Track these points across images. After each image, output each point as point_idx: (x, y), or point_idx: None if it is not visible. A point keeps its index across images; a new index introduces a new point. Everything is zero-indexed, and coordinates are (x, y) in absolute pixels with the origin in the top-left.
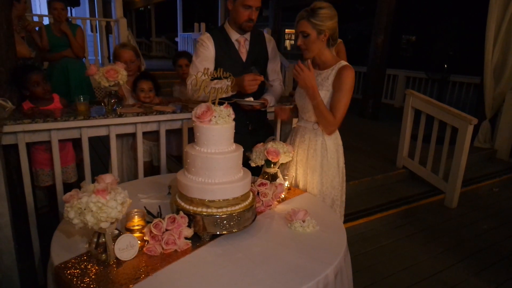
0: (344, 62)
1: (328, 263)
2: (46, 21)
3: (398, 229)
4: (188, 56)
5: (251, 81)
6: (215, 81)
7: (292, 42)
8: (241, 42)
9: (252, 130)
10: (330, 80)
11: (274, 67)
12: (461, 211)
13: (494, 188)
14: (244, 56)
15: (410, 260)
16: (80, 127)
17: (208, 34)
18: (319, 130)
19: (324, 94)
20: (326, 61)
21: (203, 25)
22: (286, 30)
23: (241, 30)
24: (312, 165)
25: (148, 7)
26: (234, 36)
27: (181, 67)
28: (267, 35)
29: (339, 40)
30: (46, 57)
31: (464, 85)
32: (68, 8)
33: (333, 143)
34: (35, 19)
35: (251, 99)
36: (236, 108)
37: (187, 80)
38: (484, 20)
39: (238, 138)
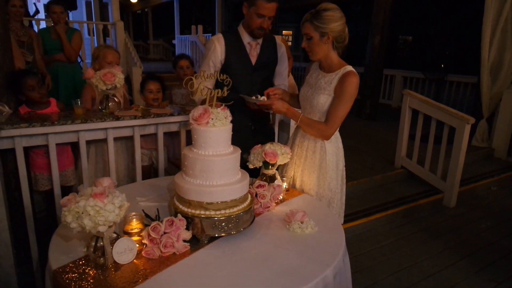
0: (349, 68)
1: (327, 264)
2: (42, 24)
3: (397, 229)
4: (189, 58)
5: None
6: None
7: (289, 43)
8: (252, 46)
9: (255, 130)
10: (333, 85)
11: (281, 71)
12: (460, 210)
13: (492, 187)
14: (254, 60)
15: (409, 260)
16: (77, 131)
17: (220, 35)
18: None
19: (326, 99)
20: (332, 64)
21: (200, 27)
22: (283, 31)
23: (253, 35)
24: (310, 166)
25: (146, 10)
26: (247, 39)
27: (182, 69)
28: (279, 41)
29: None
30: (41, 59)
31: (461, 84)
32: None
33: (333, 146)
34: (32, 23)
35: (264, 98)
36: (239, 109)
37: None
38: (480, 20)
39: (241, 138)
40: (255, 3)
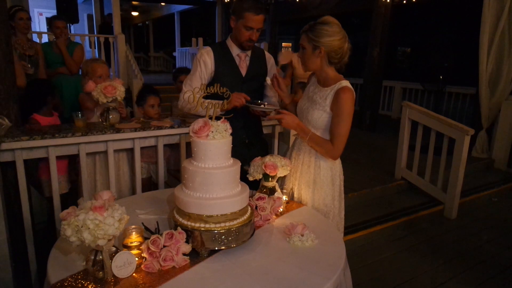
0: (344, 83)
1: (328, 277)
2: (45, 38)
3: (398, 241)
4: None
5: (237, 96)
6: (208, 100)
7: None
8: (241, 58)
9: (249, 143)
10: (328, 101)
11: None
12: (461, 221)
13: (493, 198)
14: (244, 71)
15: (411, 273)
16: (78, 143)
17: (208, 48)
18: None
19: (320, 115)
20: (327, 79)
21: (200, 40)
22: (283, 43)
23: (242, 48)
24: (305, 180)
25: (146, 22)
26: (235, 51)
27: (182, 83)
28: (267, 53)
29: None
30: (45, 73)
31: (460, 96)
32: (67, 25)
33: (327, 161)
34: (34, 36)
35: (275, 106)
36: (233, 122)
37: (180, 94)
38: (478, 32)
39: (235, 151)
40: (243, 16)
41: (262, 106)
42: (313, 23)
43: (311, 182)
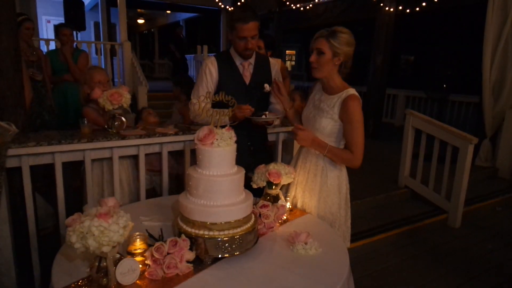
0: (351, 91)
1: (331, 286)
2: (52, 45)
3: (402, 249)
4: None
5: (239, 111)
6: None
7: (293, 63)
8: (245, 66)
9: (253, 150)
10: (336, 110)
11: None
12: (465, 230)
13: (498, 207)
14: (247, 80)
15: (414, 282)
16: (83, 150)
17: (212, 58)
18: (321, 155)
19: (328, 122)
20: (334, 87)
21: (205, 47)
22: (286, 51)
23: (242, 57)
24: (311, 188)
25: (152, 30)
26: (239, 60)
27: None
28: (272, 60)
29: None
30: (51, 80)
31: (464, 104)
32: (74, 32)
33: (335, 169)
34: (42, 43)
35: (278, 114)
36: (238, 129)
37: (189, 105)
38: (481, 40)
39: (239, 158)
40: (235, 27)
41: (263, 116)
42: (333, 30)
43: (317, 191)
